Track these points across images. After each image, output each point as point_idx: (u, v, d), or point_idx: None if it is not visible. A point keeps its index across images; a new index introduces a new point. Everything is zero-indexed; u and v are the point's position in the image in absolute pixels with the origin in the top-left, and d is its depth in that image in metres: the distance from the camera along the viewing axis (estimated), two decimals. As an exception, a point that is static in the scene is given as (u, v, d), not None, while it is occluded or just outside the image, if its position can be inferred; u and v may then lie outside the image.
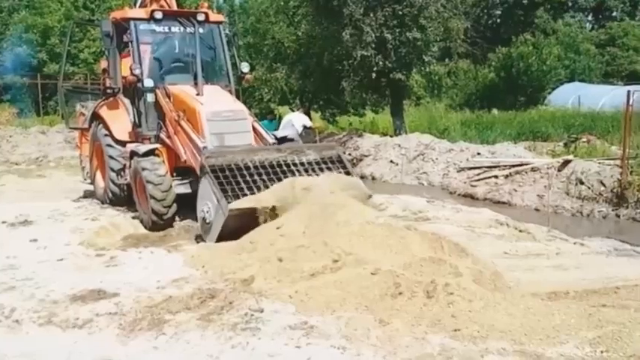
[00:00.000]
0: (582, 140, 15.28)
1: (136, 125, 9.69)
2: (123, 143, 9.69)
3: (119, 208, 9.90)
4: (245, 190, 7.70)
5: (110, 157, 9.81)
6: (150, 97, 9.40)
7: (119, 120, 9.90)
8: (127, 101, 9.91)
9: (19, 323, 5.35)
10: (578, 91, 28.81)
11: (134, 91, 9.60)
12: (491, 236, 8.48)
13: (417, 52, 17.60)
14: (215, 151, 8.11)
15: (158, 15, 9.40)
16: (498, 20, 43.66)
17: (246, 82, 10.43)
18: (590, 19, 46.61)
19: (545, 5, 42.12)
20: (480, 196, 12.22)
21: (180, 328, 5.17)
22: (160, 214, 8.52)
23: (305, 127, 11.24)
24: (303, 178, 7.82)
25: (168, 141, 9.08)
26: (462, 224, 8.86)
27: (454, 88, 34.46)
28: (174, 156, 9.02)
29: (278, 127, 13.79)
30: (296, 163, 8.19)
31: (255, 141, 8.93)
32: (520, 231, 8.76)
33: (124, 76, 9.81)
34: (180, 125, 8.78)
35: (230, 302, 5.64)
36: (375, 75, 17.26)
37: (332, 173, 8.16)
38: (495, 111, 25.64)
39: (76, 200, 10.93)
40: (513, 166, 12.51)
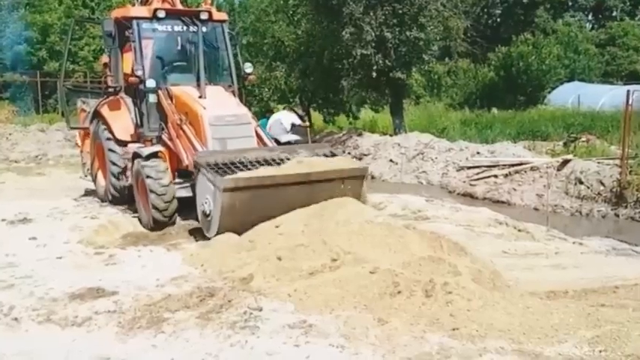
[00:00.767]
0: (582, 140, 15.27)
1: (137, 126, 9.60)
2: (124, 143, 9.61)
3: (119, 206, 9.87)
4: None
5: (111, 157, 9.70)
6: (152, 98, 9.27)
7: (121, 119, 9.78)
8: (128, 100, 9.79)
9: (18, 321, 5.35)
10: (577, 90, 28.79)
11: (136, 91, 9.51)
12: (491, 235, 8.49)
13: (416, 51, 17.60)
14: (208, 152, 8.18)
15: (161, 14, 9.28)
16: (498, 19, 43.61)
17: (249, 82, 10.31)
18: (590, 18, 46.59)
19: (545, 5, 42.09)
20: (479, 196, 12.23)
21: (179, 327, 5.18)
22: (161, 222, 8.45)
23: (294, 126, 11.09)
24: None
25: (170, 143, 8.98)
26: (461, 223, 8.86)
27: (454, 88, 34.43)
28: (176, 158, 8.91)
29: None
30: (289, 159, 8.14)
31: (258, 146, 8.87)
32: (519, 230, 8.77)
33: (125, 73, 9.67)
34: (182, 129, 8.70)
35: (229, 301, 5.65)
36: (375, 74, 17.24)
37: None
38: (495, 110, 25.62)
39: (76, 199, 10.89)
40: (513, 165, 12.51)
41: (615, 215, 10.29)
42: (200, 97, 8.88)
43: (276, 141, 9.43)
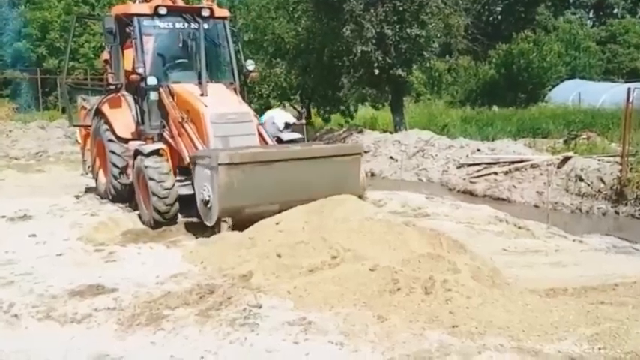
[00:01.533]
0: (582, 137, 15.25)
1: (138, 123, 9.55)
2: (125, 141, 9.57)
3: (119, 204, 9.84)
4: None
5: (112, 155, 9.66)
6: (153, 96, 9.23)
7: (122, 117, 9.73)
8: (129, 97, 9.74)
9: (18, 318, 5.35)
10: (578, 87, 28.81)
11: (137, 88, 9.47)
12: (491, 233, 8.49)
13: (417, 48, 17.59)
14: (205, 150, 8.17)
15: (162, 10, 9.22)
16: (499, 17, 43.57)
17: (251, 79, 10.18)
18: (591, 16, 46.54)
19: (546, 2, 42.03)
20: (480, 193, 12.22)
21: (179, 324, 5.18)
22: (161, 223, 8.42)
23: (287, 125, 10.90)
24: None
25: (172, 141, 8.94)
26: (461, 221, 8.85)
27: (454, 85, 34.42)
28: (177, 155, 8.87)
29: None
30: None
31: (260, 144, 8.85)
32: (519, 228, 8.77)
33: (126, 70, 9.61)
34: (183, 127, 8.68)
35: (228, 298, 5.65)
36: (376, 71, 17.23)
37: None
38: (496, 108, 25.61)
39: (77, 197, 10.86)
40: (513, 162, 12.50)
41: (615, 213, 10.28)
42: (202, 94, 8.84)
43: (278, 139, 9.41)
